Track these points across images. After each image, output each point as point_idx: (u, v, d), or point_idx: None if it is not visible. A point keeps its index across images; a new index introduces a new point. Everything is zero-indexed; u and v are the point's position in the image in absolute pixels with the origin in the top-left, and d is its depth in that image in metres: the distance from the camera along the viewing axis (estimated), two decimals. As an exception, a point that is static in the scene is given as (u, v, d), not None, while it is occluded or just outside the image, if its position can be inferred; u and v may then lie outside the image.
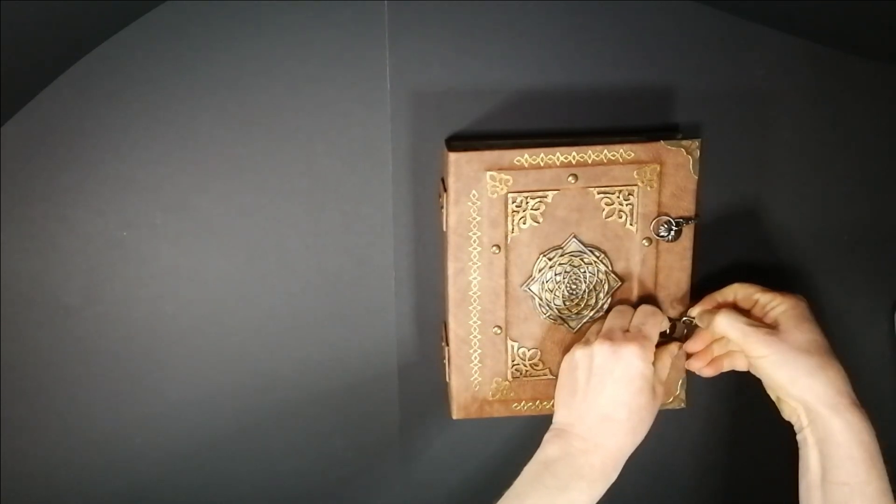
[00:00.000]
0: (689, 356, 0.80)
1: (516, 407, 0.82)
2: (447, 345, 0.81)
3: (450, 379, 0.82)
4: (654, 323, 0.76)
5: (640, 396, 0.72)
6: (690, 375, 0.82)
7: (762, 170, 0.82)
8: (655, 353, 0.75)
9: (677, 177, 0.77)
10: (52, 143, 0.76)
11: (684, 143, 0.76)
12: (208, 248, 0.80)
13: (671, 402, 0.82)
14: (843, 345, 0.86)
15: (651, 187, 0.76)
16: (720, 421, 0.89)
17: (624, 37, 0.77)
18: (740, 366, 0.77)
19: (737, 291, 0.78)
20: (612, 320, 0.77)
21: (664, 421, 0.88)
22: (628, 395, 0.72)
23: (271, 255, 0.81)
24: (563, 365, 0.76)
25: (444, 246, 0.78)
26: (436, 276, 0.82)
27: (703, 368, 0.79)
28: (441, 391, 0.86)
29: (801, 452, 0.72)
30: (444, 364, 0.83)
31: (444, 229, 0.77)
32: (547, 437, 0.74)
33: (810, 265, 0.75)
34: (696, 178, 0.77)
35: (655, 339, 0.76)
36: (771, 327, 0.73)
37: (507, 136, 0.78)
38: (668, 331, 0.79)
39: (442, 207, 0.78)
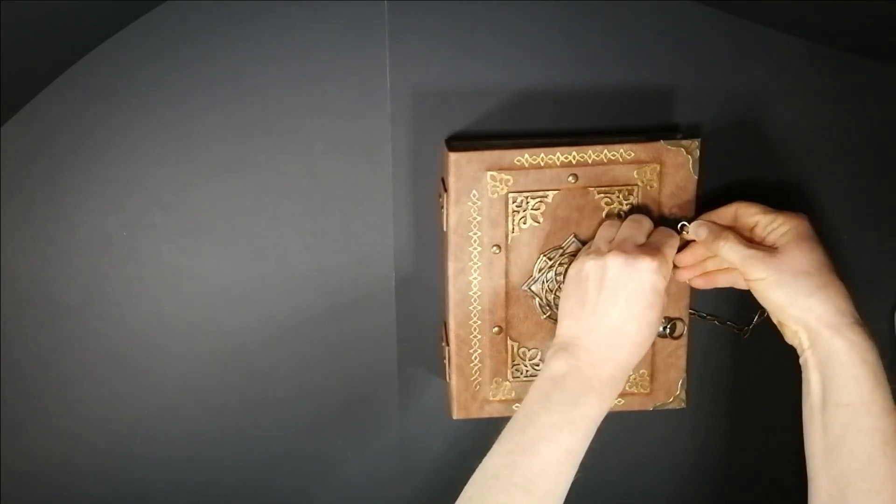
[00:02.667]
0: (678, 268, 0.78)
1: (516, 407, 0.82)
2: (447, 345, 0.81)
3: (450, 379, 0.82)
4: (671, 244, 0.74)
5: (652, 311, 0.70)
6: (690, 375, 0.82)
7: (762, 170, 0.82)
8: None
9: (677, 177, 0.77)
10: (52, 143, 0.76)
11: (684, 143, 0.76)
12: (208, 248, 0.80)
13: (671, 402, 0.82)
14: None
15: (651, 187, 0.76)
16: (720, 421, 0.89)
17: (624, 37, 0.77)
18: (739, 284, 0.75)
19: (738, 210, 0.75)
20: (627, 230, 0.74)
21: (664, 421, 0.89)
22: (641, 308, 0.69)
23: (271, 255, 0.81)
24: (572, 273, 0.73)
25: (445, 246, 0.78)
26: (436, 276, 0.82)
27: (696, 279, 0.77)
28: (441, 391, 0.86)
29: (804, 376, 0.70)
30: (444, 364, 0.83)
31: (445, 229, 0.77)
32: (551, 352, 0.71)
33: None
34: (696, 178, 0.77)
35: (671, 258, 0.73)
36: (772, 248, 0.71)
37: (507, 136, 0.78)
38: (668, 331, 0.79)
39: (442, 207, 0.78)
